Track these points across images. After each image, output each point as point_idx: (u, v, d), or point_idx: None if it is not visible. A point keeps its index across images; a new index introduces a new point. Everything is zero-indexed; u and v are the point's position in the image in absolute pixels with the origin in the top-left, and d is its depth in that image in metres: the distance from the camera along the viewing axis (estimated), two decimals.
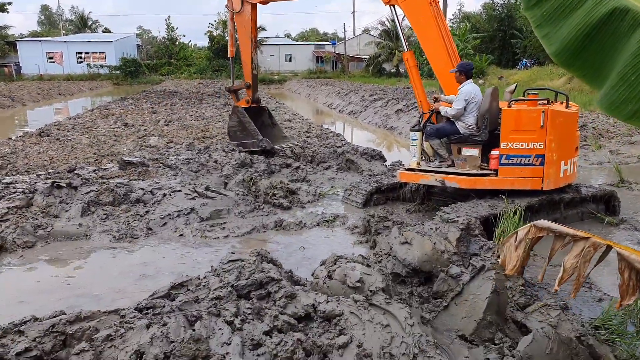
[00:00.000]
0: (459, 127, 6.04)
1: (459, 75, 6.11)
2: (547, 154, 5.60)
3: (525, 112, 5.61)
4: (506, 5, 44.08)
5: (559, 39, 1.77)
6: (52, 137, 12.15)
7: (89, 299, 4.21)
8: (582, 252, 1.67)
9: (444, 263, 4.05)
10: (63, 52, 52.48)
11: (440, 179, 5.96)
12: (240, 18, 9.09)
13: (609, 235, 5.78)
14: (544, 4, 1.82)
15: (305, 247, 5.53)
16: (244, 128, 9.40)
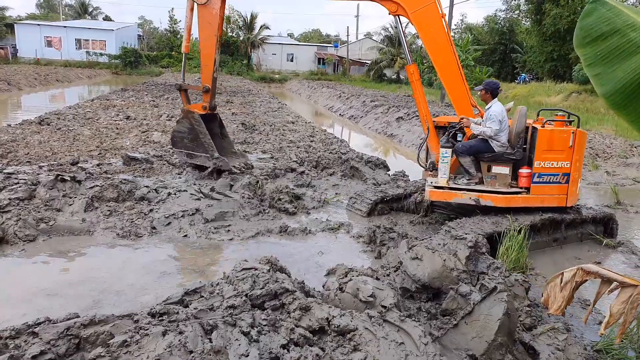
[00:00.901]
0: (493, 145, 6.05)
1: (484, 93, 6.15)
2: (572, 172, 5.86)
3: (558, 132, 5.81)
4: (508, 19, 44.46)
5: (612, 80, 1.80)
6: (52, 127, 12.06)
7: (92, 298, 4.20)
8: (629, 298, 1.71)
9: (453, 280, 4.09)
10: (62, 37, 52.01)
11: (475, 198, 5.96)
12: (206, 11, 7.73)
13: (607, 258, 5.86)
14: (599, 44, 1.84)
15: (311, 254, 5.54)
16: (196, 138, 8.05)
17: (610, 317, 1.77)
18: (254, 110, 19.00)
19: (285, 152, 10.74)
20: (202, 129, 8.01)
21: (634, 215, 7.78)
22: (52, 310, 3.84)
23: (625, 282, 1.76)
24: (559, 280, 1.93)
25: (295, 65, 60.56)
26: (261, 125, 14.72)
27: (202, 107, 8.17)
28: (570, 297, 1.91)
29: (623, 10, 1.87)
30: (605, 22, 1.86)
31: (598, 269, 1.84)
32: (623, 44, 1.80)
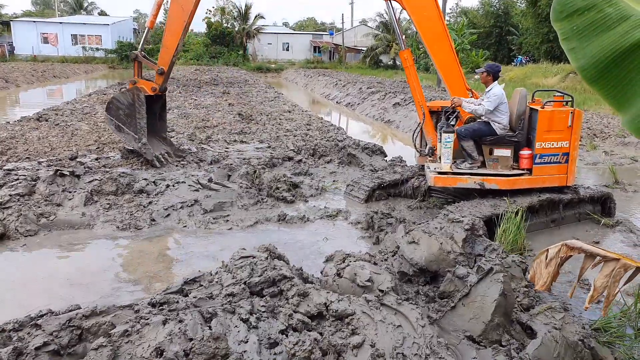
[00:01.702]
0: (495, 128, 6.04)
1: (486, 76, 6.12)
2: (571, 151, 5.92)
3: (557, 113, 5.86)
4: (503, 2, 44.15)
5: (587, 55, 1.82)
6: (50, 122, 12.06)
7: (96, 291, 4.25)
8: (612, 272, 1.74)
9: (450, 263, 4.13)
10: (58, 33, 51.68)
11: (480, 182, 5.98)
12: None
13: (606, 237, 5.90)
14: (575, 19, 1.86)
15: (310, 241, 5.58)
16: (132, 115, 7.84)
17: (594, 290, 1.80)
18: (251, 101, 18.96)
19: (282, 141, 10.75)
20: (142, 111, 7.84)
21: (632, 194, 7.80)
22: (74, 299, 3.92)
23: (608, 257, 1.79)
24: (544, 256, 1.97)
25: (291, 54, 60.23)
26: (258, 115, 14.70)
27: (152, 89, 7.90)
28: (555, 272, 1.94)
29: None
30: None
31: (581, 244, 1.88)
32: (599, 19, 1.82)
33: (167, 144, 8.67)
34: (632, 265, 1.75)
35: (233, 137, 11.01)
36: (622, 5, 1.81)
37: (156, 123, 8.48)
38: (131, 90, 7.93)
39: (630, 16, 1.77)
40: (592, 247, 1.85)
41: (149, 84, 7.93)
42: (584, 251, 1.84)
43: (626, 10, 1.79)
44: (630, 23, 1.77)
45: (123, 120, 7.96)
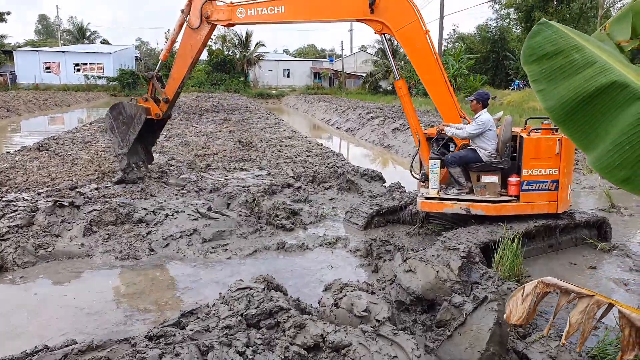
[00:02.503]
0: (481, 155, 6.12)
1: (475, 103, 6.23)
2: (561, 179, 5.91)
3: (544, 140, 5.89)
4: (499, 27, 45.00)
5: (555, 96, 1.92)
6: (51, 152, 12.18)
7: (94, 320, 4.25)
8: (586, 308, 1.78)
9: (446, 291, 4.15)
10: (60, 62, 52.60)
11: (466, 207, 6.03)
12: (192, 35, 8.05)
13: (602, 262, 5.91)
14: (544, 63, 1.97)
15: (309, 270, 5.60)
16: (127, 126, 8.56)
17: (569, 327, 1.84)
18: (251, 127, 19.16)
19: (281, 168, 10.84)
20: (137, 129, 8.60)
21: (628, 218, 7.83)
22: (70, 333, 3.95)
23: (582, 293, 1.83)
24: (521, 293, 2.01)
25: (292, 81, 61.10)
26: (258, 142, 14.85)
27: (155, 114, 8.62)
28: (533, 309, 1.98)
29: (568, 33, 2.00)
30: (550, 43, 1.98)
31: (557, 281, 1.92)
32: (566, 64, 1.92)
33: (147, 156, 9.56)
34: (605, 301, 1.79)
35: (233, 165, 11.11)
36: (587, 52, 1.92)
37: (150, 136, 9.33)
38: (138, 107, 8.62)
39: (595, 62, 1.87)
40: (567, 284, 1.90)
41: (155, 109, 8.60)
42: (559, 288, 1.88)
43: (592, 57, 1.90)
44: (595, 69, 1.87)
45: (118, 125, 8.69)
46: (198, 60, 8.53)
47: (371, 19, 6.83)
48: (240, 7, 7.66)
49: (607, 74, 1.85)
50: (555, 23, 2.06)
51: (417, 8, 6.63)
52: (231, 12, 7.72)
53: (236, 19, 7.73)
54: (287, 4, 7.32)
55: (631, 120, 1.75)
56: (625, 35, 2.81)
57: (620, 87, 1.81)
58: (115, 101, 11.95)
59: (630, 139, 1.75)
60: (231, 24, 8.05)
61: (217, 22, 7.92)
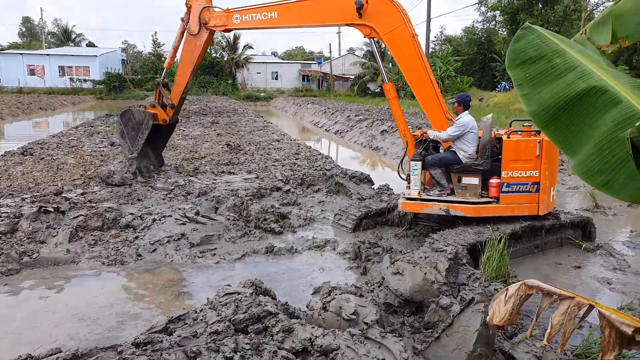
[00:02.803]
0: (461, 157, 6.19)
1: (457, 106, 6.30)
2: (542, 181, 5.94)
3: (524, 142, 5.93)
4: (486, 30, 45.46)
5: (538, 101, 1.95)
6: (36, 157, 12.02)
7: (86, 327, 4.20)
8: (567, 310, 1.81)
9: (434, 293, 4.18)
10: (45, 65, 51.98)
11: (445, 208, 6.08)
12: (193, 41, 8.55)
13: (587, 261, 5.99)
14: (527, 67, 2.00)
15: (298, 273, 5.59)
16: (136, 132, 9.19)
17: (551, 328, 1.87)
18: (240, 130, 19.11)
19: (270, 171, 10.83)
20: (145, 134, 9.18)
21: (612, 217, 7.95)
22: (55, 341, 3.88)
23: (563, 295, 1.86)
24: (504, 295, 2.04)
25: (280, 83, 61.09)
26: (246, 145, 14.81)
27: (162, 120, 9.16)
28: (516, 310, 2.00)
29: (550, 38, 2.03)
30: (533, 48, 2.01)
31: (539, 283, 1.95)
32: (548, 68, 1.96)
33: (158, 159, 10.22)
34: (585, 303, 1.82)
35: (221, 168, 11.07)
36: (568, 57, 1.95)
37: (159, 141, 9.96)
38: (146, 113, 9.20)
39: (576, 67, 1.90)
40: (549, 286, 1.92)
41: (162, 115, 9.16)
42: (541, 290, 1.91)
43: (572, 61, 1.93)
44: (575, 73, 1.90)
45: (127, 131, 9.28)
46: (200, 65, 9.02)
47: (360, 24, 6.98)
48: (236, 13, 8.05)
49: (587, 79, 1.88)
50: (538, 27, 2.09)
51: (404, 12, 6.70)
52: (227, 18, 8.13)
53: (232, 24, 8.14)
54: (279, 10, 7.63)
55: (610, 125, 1.78)
56: (606, 39, 2.86)
57: (599, 92, 1.84)
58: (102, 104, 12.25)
59: (609, 143, 1.78)
60: (228, 30, 8.42)
61: (215, 27, 8.35)
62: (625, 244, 6.68)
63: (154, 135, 9.34)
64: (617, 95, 1.80)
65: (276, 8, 7.64)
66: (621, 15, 2.74)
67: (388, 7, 6.74)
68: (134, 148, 9.27)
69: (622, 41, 2.81)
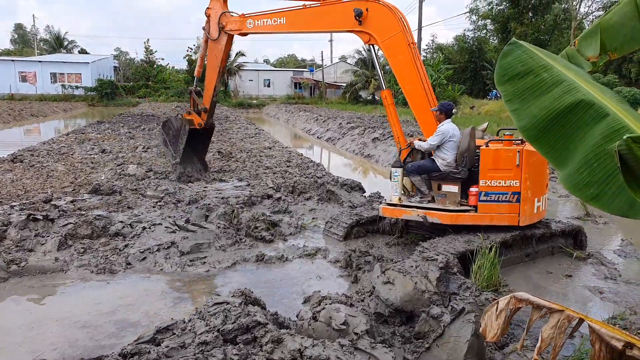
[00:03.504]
0: (439, 164, 6.24)
1: (439, 114, 6.36)
2: (523, 191, 5.88)
3: (503, 151, 5.92)
4: (477, 38, 45.90)
5: (527, 115, 1.96)
6: (25, 164, 11.90)
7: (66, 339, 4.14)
8: (557, 323, 1.81)
9: (425, 303, 4.16)
10: (37, 72, 51.69)
11: (423, 215, 6.11)
12: (215, 46, 9.23)
13: (578, 270, 6.01)
14: (516, 82, 2.01)
15: (288, 282, 5.56)
16: (177, 139, 9.90)
17: (541, 341, 1.86)
18: (231, 138, 19.07)
19: (261, 178, 10.80)
20: (184, 139, 9.78)
21: (603, 226, 8.00)
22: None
23: (553, 308, 1.86)
24: (495, 309, 2.03)
25: (272, 90, 61.18)
26: (238, 153, 14.78)
27: (198, 124, 9.75)
28: (506, 324, 2.00)
29: (537, 53, 2.05)
30: (520, 63, 2.03)
31: (528, 296, 1.95)
32: (536, 83, 1.97)
33: (201, 164, 10.82)
34: (575, 316, 1.82)
35: (212, 176, 11.02)
36: (555, 71, 1.96)
37: (201, 146, 10.60)
38: (182, 120, 9.88)
39: (563, 81, 1.92)
40: (538, 299, 1.92)
41: (197, 119, 9.76)
42: (531, 303, 1.91)
43: (559, 75, 1.94)
44: (562, 88, 1.91)
45: (169, 139, 10.06)
46: (225, 67, 9.67)
47: (360, 30, 7.17)
48: (250, 18, 8.68)
49: (574, 93, 1.89)
50: (524, 43, 2.11)
51: (403, 20, 6.79)
52: (242, 23, 8.77)
53: (246, 28, 8.74)
54: (288, 16, 8.13)
55: (597, 138, 1.79)
56: (595, 51, 2.89)
57: (586, 106, 1.85)
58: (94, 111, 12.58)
59: (597, 156, 1.79)
60: (243, 34, 8.97)
61: (232, 31, 8.96)
62: (616, 252, 6.71)
63: (194, 141, 9.97)
64: (603, 109, 1.82)
65: (285, 14, 8.13)
66: (609, 28, 2.77)
67: (386, 14, 6.87)
68: (177, 154, 9.96)
69: (610, 53, 2.84)
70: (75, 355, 3.71)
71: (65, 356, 3.72)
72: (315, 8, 7.85)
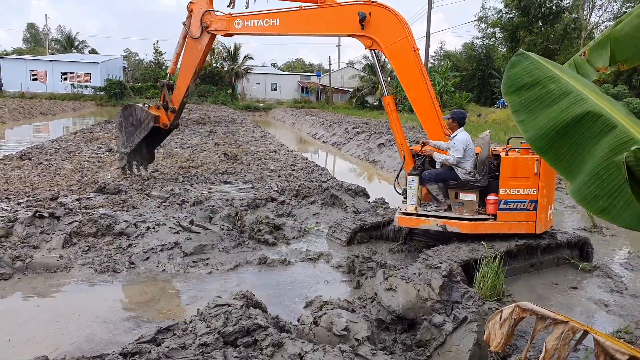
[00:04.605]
0: (458, 173, 6.14)
1: (452, 122, 6.27)
2: (540, 199, 5.90)
3: (522, 159, 5.91)
4: (485, 46, 45.81)
5: (535, 127, 1.95)
6: (34, 161, 11.99)
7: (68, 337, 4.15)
8: (562, 334, 1.79)
9: (427, 311, 4.13)
10: (47, 71, 52.16)
11: (442, 224, 6.02)
12: (194, 44, 8.57)
13: (584, 282, 5.95)
14: (523, 93, 2.00)
15: (289, 285, 5.54)
16: (135, 128, 9.36)
17: (545, 353, 1.84)
18: (237, 140, 19.12)
19: (266, 181, 10.80)
20: (142, 134, 9.32)
21: (610, 238, 7.93)
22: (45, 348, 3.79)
23: (558, 319, 1.84)
24: (499, 317, 2.01)
25: (279, 94, 61.35)
26: (243, 155, 14.81)
27: (163, 124, 9.25)
28: (510, 333, 1.97)
29: (544, 64, 2.04)
30: (528, 74, 2.02)
31: (533, 306, 1.93)
32: (543, 94, 1.96)
33: (149, 156, 10.33)
34: (580, 328, 1.80)
35: (217, 178, 11.04)
36: (563, 82, 1.95)
37: (155, 140, 10.09)
38: (148, 113, 9.23)
39: (570, 92, 1.90)
40: (543, 309, 1.90)
41: (164, 119, 9.25)
42: (535, 313, 1.88)
43: (567, 87, 1.93)
44: (570, 99, 1.90)
45: (125, 126, 9.38)
46: (201, 69, 9.13)
47: (362, 35, 6.98)
48: (238, 18, 8.02)
49: (582, 104, 1.88)
50: (531, 54, 2.10)
51: (407, 26, 6.74)
52: (229, 23, 8.12)
53: (234, 29, 8.11)
54: (282, 17, 7.61)
55: (606, 150, 1.77)
56: (605, 62, 2.87)
57: (594, 118, 1.84)
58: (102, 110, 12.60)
59: (606, 169, 1.77)
60: (229, 34, 8.41)
61: (216, 31, 8.35)
62: (623, 265, 6.64)
63: (150, 135, 9.49)
64: (611, 120, 1.80)
65: (279, 15, 7.64)
66: (620, 39, 2.74)
67: (390, 19, 6.75)
68: (128, 144, 9.41)
69: (620, 65, 2.81)
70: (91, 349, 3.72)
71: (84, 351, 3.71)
72: (312, 10, 7.45)
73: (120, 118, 9.48)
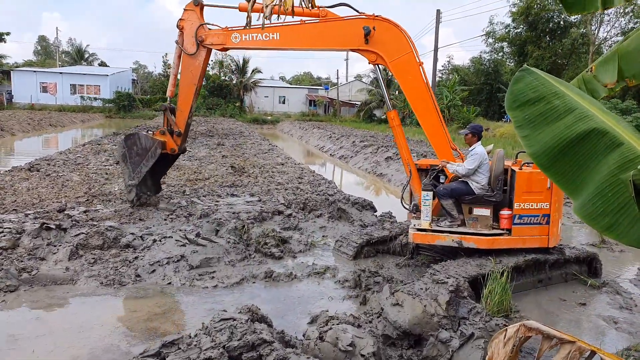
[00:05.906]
0: (473, 187, 6.11)
1: (471, 137, 6.24)
2: (552, 213, 5.91)
3: (536, 174, 5.90)
4: (493, 60, 45.89)
5: (539, 142, 1.94)
6: (42, 173, 12.10)
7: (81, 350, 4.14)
8: (568, 355, 1.76)
9: (433, 326, 4.09)
10: (57, 83, 52.89)
11: (458, 240, 6.00)
12: (191, 61, 8.15)
13: (592, 299, 5.87)
14: (527, 109, 2.00)
15: (294, 300, 5.52)
16: (140, 158, 8.55)
17: None
18: (245, 153, 19.20)
19: (273, 194, 10.82)
20: (150, 163, 8.58)
21: (619, 254, 7.83)
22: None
23: (564, 339, 1.81)
24: (503, 336, 1.98)
25: (287, 107, 61.73)
26: (250, 168, 14.86)
27: (171, 150, 8.65)
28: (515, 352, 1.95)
29: (549, 80, 2.04)
30: (532, 89, 2.02)
31: (539, 325, 1.90)
32: (547, 110, 1.96)
33: (155, 187, 9.54)
34: (587, 348, 1.77)
35: (224, 190, 11.08)
36: (567, 99, 1.95)
37: (161, 168, 9.35)
38: (154, 140, 8.56)
39: (575, 109, 1.90)
40: (549, 328, 1.87)
41: (171, 144, 8.62)
42: (541, 332, 1.86)
43: (571, 103, 1.93)
44: (575, 115, 1.90)
45: (130, 156, 8.61)
46: (201, 87, 8.52)
47: (366, 49, 6.90)
48: (235, 32, 7.72)
49: (587, 121, 1.87)
50: (536, 70, 2.10)
51: (411, 40, 6.75)
52: (226, 37, 7.79)
53: (231, 43, 7.78)
54: (282, 32, 7.36)
55: (612, 167, 1.76)
56: (612, 77, 2.87)
57: (600, 134, 1.83)
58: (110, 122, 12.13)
59: (611, 186, 1.76)
60: (226, 49, 8.05)
61: (212, 46, 8.00)
62: (632, 281, 6.55)
63: (157, 164, 8.80)
64: (617, 138, 1.79)
65: (279, 29, 7.34)
66: (627, 55, 2.75)
67: (395, 33, 6.72)
68: (135, 175, 8.63)
69: (628, 80, 2.81)
70: None
71: None
72: (315, 24, 7.29)
73: (123, 149, 8.67)
